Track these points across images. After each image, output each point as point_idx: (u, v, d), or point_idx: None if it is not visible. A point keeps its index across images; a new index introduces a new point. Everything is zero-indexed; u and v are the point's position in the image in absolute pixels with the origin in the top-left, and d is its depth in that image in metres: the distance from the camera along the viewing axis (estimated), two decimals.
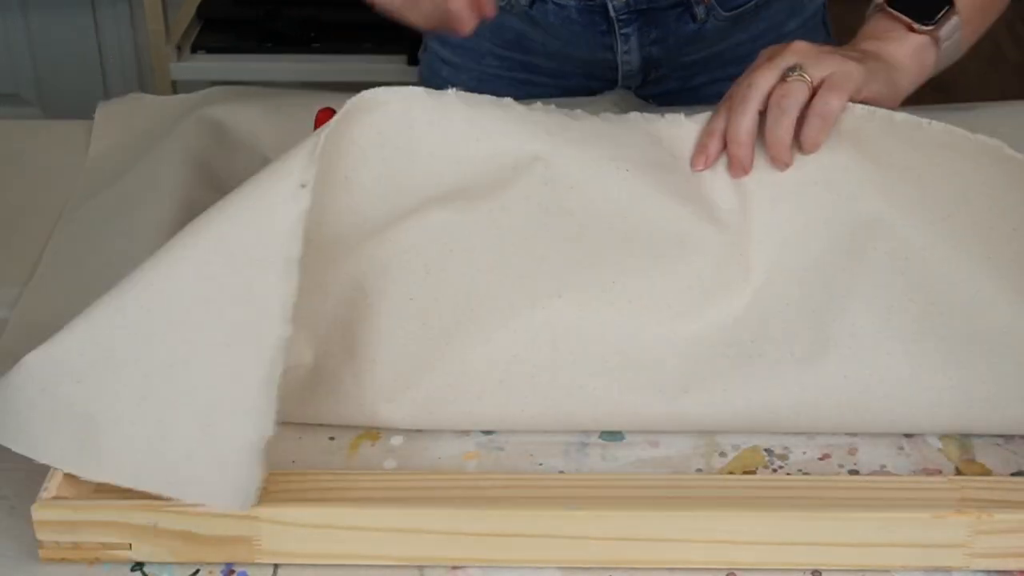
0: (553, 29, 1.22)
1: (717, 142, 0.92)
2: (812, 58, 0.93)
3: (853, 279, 0.89)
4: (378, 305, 0.88)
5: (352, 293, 0.89)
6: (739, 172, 0.92)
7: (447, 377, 0.87)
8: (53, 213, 1.10)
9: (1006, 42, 2.89)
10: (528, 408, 0.87)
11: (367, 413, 0.88)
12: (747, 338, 0.88)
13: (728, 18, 1.21)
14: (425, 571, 0.80)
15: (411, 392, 0.87)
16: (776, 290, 0.90)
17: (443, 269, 0.89)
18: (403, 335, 0.88)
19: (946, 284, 0.89)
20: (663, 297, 0.89)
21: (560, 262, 0.89)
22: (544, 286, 0.89)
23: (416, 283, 0.89)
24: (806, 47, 0.94)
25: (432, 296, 0.88)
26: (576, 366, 0.87)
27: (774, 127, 0.91)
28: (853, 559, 0.79)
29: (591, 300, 0.89)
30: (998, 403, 0.86)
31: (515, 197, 0.90)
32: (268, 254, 0.80)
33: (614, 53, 1.23)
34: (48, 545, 0.79)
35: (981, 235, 0.90)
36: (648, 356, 0.88)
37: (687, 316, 0.89)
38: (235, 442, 0.78)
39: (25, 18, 2.39)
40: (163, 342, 0.80)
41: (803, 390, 0.87)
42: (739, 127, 0.91)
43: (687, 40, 1.22)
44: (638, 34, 1.21)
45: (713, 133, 0.93)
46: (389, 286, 0.89)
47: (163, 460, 0.79)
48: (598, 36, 1.22)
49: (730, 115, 0.92)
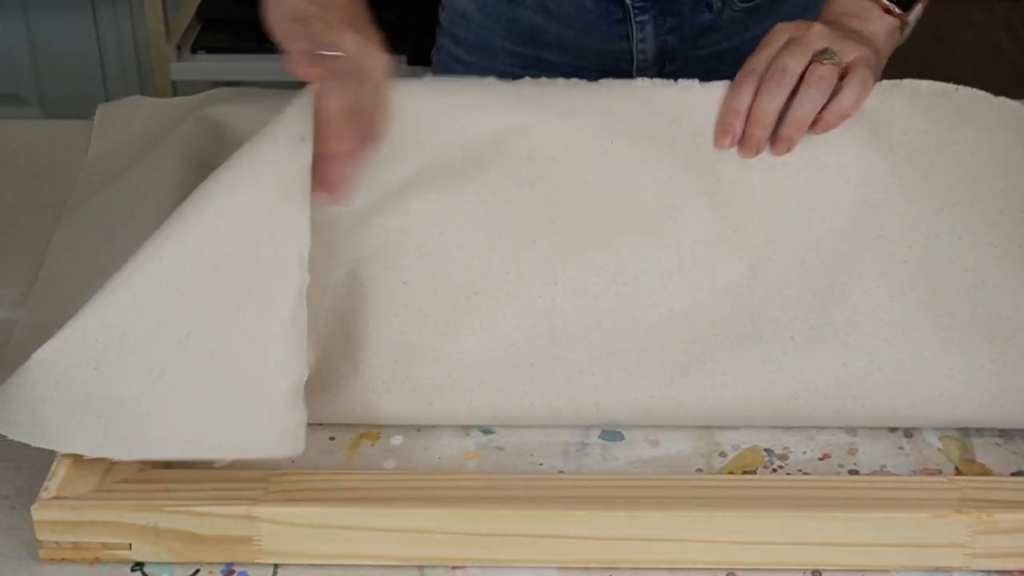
0: (567, 19, 1.22)
1: (743, 121, 0.92)
2: (839, 42, 0.93)
3: (856, 265, 0.89)
4: (373, 292, 0.89)
5: (347, 283, 0.89)
6: (751, 153, 0.92)
7: (445, 367, 0.88)
8: (53, 213, 1.10)
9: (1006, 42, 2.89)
10: (528, 396, 0.87)
11: (367, 405, 0.88)
12: (746, 320, 0.88)
13: (744, 9, 1.21)
14: (425, 571, 0.79)
15: (410, 382, 0.87)
16: (777, 272, 0.90)
17: (435, 252, 0.89)
18: (399, 322, 0.88)
19: (950, 272, 0.89)
20: (658, 275, 0.89)
21: (551, 245, 0.89)
22: (538, 271, 0.89)
23: (409, 267, 0.89)
24: (827, 31, 0.94)
25: (426, 281, 0.89)
26: (575, 352, 0.88)
27: (800, 107, 0.91)
28: (853, 559, 0.79)
29: (587, 286, 0.89)
30: (998, 395, 0.86)
31: (499, 174, 0.90)
32: (276, 209, 0.81)
33: (629, 42, 1.22)
34: (48, 545, 0.79)
35: (990, 222, 0.90)
36: (647, 339, 0.88)
37: (683, 293, 0.89)
38: (270, 392, 0.80)
39: (25, 18, 2.39)
40: (177, 312, 0.81)
41: (802, 377, 0.87)
42: (768, 109, 0.92)
43: (702, 30, 1.22)
44: (654, 22, 1.21)
45: (739, 112, 0.93)
46: (382, 272, 0.89)
47: (194, 426, 0.80)
48: (613, 25, 1.22)
49: (760, 96, 0.92)
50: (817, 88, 0.91)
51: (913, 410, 0.87)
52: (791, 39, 0.94)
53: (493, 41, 1.26)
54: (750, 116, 0.92)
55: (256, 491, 0.80)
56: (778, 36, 0.95)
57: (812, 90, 0.91)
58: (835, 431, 0.89)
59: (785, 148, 0.92)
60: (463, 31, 1.27)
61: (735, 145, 0.92)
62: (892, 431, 0.89)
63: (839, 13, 1.00)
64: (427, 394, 0.88)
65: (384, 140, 0.89)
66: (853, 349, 0.87)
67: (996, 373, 0.86)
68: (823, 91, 0.91)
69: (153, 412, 0.80)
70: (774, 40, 0.95)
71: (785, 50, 0.94)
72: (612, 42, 1.23)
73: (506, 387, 0.87)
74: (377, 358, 0.88)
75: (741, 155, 0.92)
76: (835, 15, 1.00)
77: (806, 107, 0.91)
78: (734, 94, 0.93)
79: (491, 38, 1.26)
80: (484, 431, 0.89)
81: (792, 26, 0.95)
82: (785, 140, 0.92)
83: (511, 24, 1.24)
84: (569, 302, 0.88)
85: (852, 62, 0.93)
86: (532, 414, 0.88)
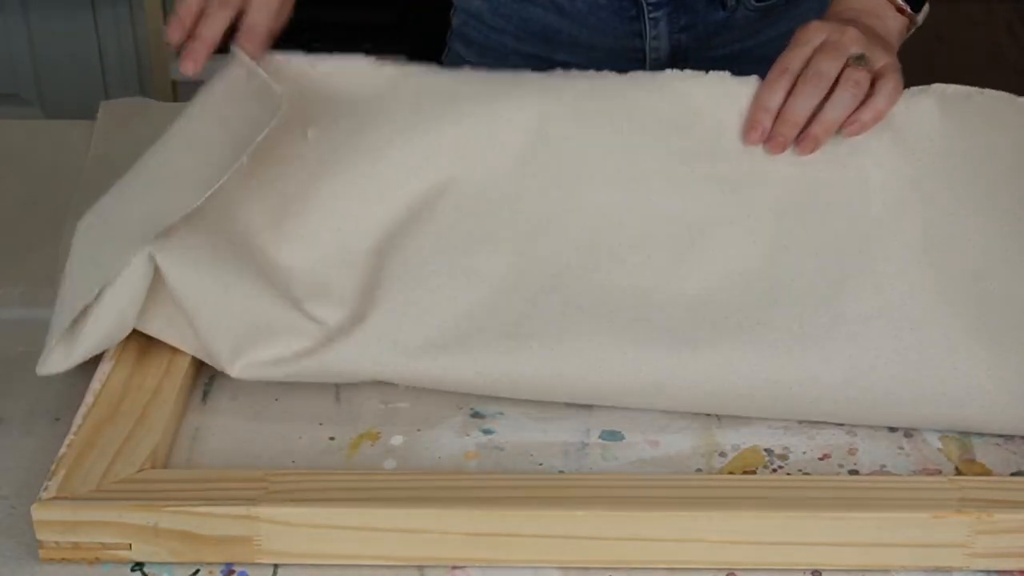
0: (580, 17, 1.22)
1: (772, 119, 0.94)
2: (872, 48, 0.94)
3: (870, 262, 0.91)
4: (390, 253, 0.92)
5: (372, 254, 0.93)
6: (778, 149, 0.93)
7: (455, 330, 0.89)
8: (53, 213, 1.10)
9: (1006, 42, 2.89)
10: (534, 360, 0.88)
11: (374, 353, 0.88)
12: (756, 305, 0.89)
13: (758, 9, 1.21)
14: (425, 571, 0.79)
15: (418, 336, 0.88)
16: (790, 262, 0.91)
17: (449, 228, 0.93)
18: (411, 281, 0.91)
19: (961, 277, 0.90)
20: (669, 256, 0.91)
21: (563, 226, 0.92)
22: (550, 250, 0.92)
23: (425, 233, 0.93)
24: (861, 36, 0.95)
25: (439, 247, 0.92)
26: (582, 323, 0.89)
27: (833, 109, 0.93)
28: (853, 559, 0.79)
29: (599, 263, 0.91)
30: (1000, 399, 0.86)
31: (513, 154, 0.95)
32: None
33: (643, 40, 1.22)
34: (48, 545, 0.79)
35: (1005, 229, 0.90)
36: (656, 315, 0.89)
37: (695, 274, 0.90)
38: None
39: (25, 18, 2.39)
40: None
41: (807, 365, 0.87)
42: (800, 110, 0.93)
43: (716, 29, 1.22)
44: (667, 19, 1.21)
45: (771, 110, 0.94)
46: (400, 238, 0.93)
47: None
48: (626, 22, 1.22)
49: (794, 96, 0.93)
50: (852, 92, 0.93)
51: (914, 410, 0.87)
52: (826, 41, 0.96)
53: (504, 42, 1.26)
54: (781, 114, 0.94)
55: (256, 491, 0.80)
56: (813, 35, 0.96)
57: (847, 94, 0.93)
58: (835, 431, 0.89)
59: (812, 148, 0.93)
60: (475, 32, 1.27)
61: (762, 141, 0.93)
62: (892, 431, 0.89)
63: (856, 9, 1.01)
64: (434, 350, 0.88)
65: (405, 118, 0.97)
66: (860, 343, 0.87)
67: (1000, 378, 0.86)
68: (857, 96, 0.93)
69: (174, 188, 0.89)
70: (809, 39, 0.96)
71: (821, 53, 0.95)
72: (625, 40, 1.23)
73: (514, 351, 0.88)
74: (385, 309, 0.89)
75: (766, 150, 0.93)
76: (851, 11, 1.01)
77: (839, 110, 0.93)
78: (767, 91, 0.94)
79: (502, 39, 1.26)
80: (484, 431, 0.89)
81: (828, 27, 0.96)
82: (813, 139, 0.93)
83: (523, 24, 1.24)
84: (579, 279, 0.90)
85: (882, 68, 0.94)
86: (538, 384, 0.88)
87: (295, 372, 0.88)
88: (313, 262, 0.93)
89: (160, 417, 0.86)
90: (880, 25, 1.00)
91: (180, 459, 0.86)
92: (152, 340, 0.92)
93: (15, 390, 0.92)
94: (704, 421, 0.89)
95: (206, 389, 0.92)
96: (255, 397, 0.91)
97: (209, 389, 0.92)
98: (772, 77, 0.95)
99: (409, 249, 0.93)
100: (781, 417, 0.89)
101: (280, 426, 0.89)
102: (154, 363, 0.91)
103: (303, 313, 0.90)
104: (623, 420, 0.89)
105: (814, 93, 0.94)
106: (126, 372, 0.89)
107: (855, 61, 0.94)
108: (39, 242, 1.07)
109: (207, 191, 0.88)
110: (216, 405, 0.91)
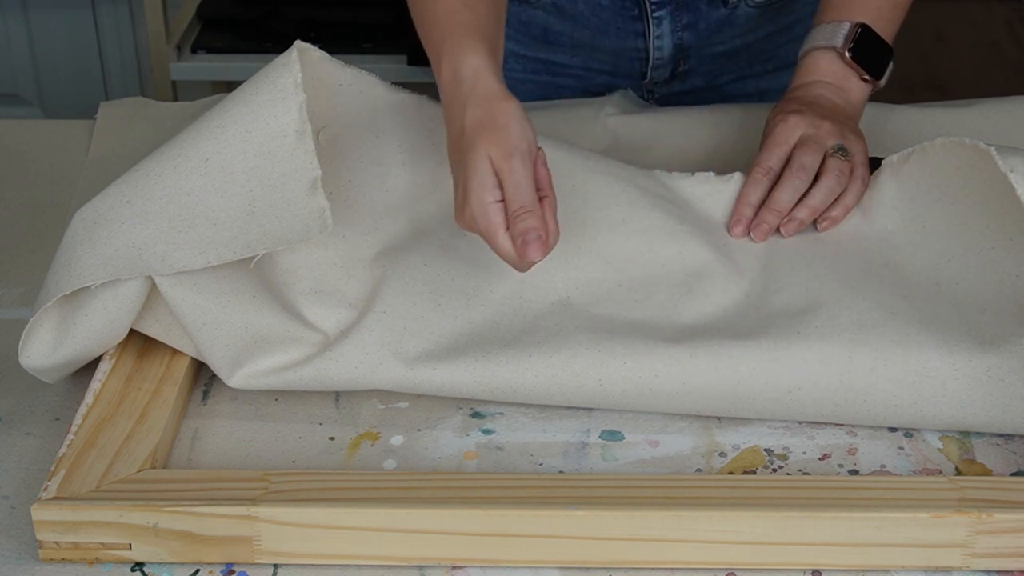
0: (582, 18, 1.22)
1: (753, 212, 0.99)
2: (846, 137, 1.01)
3: (863, 280, 0.94)
4: (394, 267, 0.93)
5: (375, 266, 0.94)
6: (761, 236, 0.99)
7: (454, 344, 0.89)
8: (53, 213, 1.10)
9: (1006, 42, 2.88)
10: (533, 368, 0.88)
11: (373, 361, 0.88)
12: (754, 313, 0.92)
13: (759, 5, 1.22)
14: (425, 571, 0.80)
15: (417, 347, 0.89)
16: (784, 272, 0.95)
17: (458, 248, 0.95)
18: (413, 293, 0.92)
19: (954, 312, 0.91)
20: (668, 300, 0.94)
21: (566, 266, 0.94)
22: (552, 289, 0.94)
23: (430, 251, 0.95)
24: (835, 127, 1.01)
25: (447, 266, 0.94)
26: (583, 331, 0.90)
27: (819, 195, 0.99)
28: (853, 559, 0.79)
29: (599, 303, 0.93)
30: (999, 400, 0.86)
31: None
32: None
33: (645, 39, 1.23)
34: (48, 545, 0.79)
35: (985, 271, 0.93)
36: (656, 329, 0.91)
37: (692, 313, 0.93)
38: (290, 190, 0.88)
39: (25, 18, 2.39)
40: (193, 146, 0.90)
41: (807, 367, 0.87)
42: (784, 200, 0.99)
43: (718, 26, 1.22)
44: (670, 18, 1.21)
45: (754, 205, 1.00)
46: (404, 254, 0.94)
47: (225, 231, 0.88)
48: (629, 22, 1.22)
49: (779, 188, 0.99)
50: (836, 181, 0.99)
51: (914, 411, 0.87)
52: (804, 136, 1.01)
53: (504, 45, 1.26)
54: (766, 203, 0.99)
55: (256, 491, 0.80)
56: (790, 134, 1.02)
57: (832, 182, 0.99)
58: (835, 431, 0.89)
59: (795, 229, 0.99)
60: None
61: (745, 235, 0.99)
62: (892, 431, 0.89)
63: (823, 82, 1.06)
64: (432, 358, 0.88)
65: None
66: (859, 345, 0.87)
67: (1000, 378, 0.86)
68: (840, 184, 0.99)
69: (184, 227, 0.87)
70: (786, 138, 1.02)
71: (802, 148, 1.00)
72: (628, 40, 1.23)
73: (510, 361, 0.88)
74: (388, 315, 0.90)
75: (754, 237, 0.98)
76: (819, 83, 1.06)
77: (825, 196, 0.99)
78: (750, 188, 1.00)
79: None
80: (484, 431, 0.89)
81: (803, 122, 1.02)
82: (797, 223, 0.99)
83: (523, 27, 1.24)
84: (580, 312, 0.92)
85: (856, 160, 1.00)
86: (535, 388, 0.88)
87: (293, 381, 0.88)
88: (314, 262, 0.93)
89: (160, 417, 0.86)
90: (845, 98, 1.05)
91: (180, 459, 0.87)
92: (152, 340, 0.92)
93: (15, 390, 0.92)
94: (704, 421, 0.90)
95: (206, 389, 0.92)
96: (255, 397, 0.91)
97: (209, 389, 0.92)
98: (755, 176, 1.00)
99: (412, 265, 0.93)
100: (782, 419, 0.89)
101: (280, 426, 0.89)
102: (154, 363, 0.91)
103: (301, 321, 0.90)
104: (623, 420, 0.90)
105: (799, 186, 0.99)
106: (126, 372, 0.90)
107: (835, 151, 1.00)
108: (39, 242, 1.07)
109: (219, 248, 0.88)
110: (216, 405, 0.91)
